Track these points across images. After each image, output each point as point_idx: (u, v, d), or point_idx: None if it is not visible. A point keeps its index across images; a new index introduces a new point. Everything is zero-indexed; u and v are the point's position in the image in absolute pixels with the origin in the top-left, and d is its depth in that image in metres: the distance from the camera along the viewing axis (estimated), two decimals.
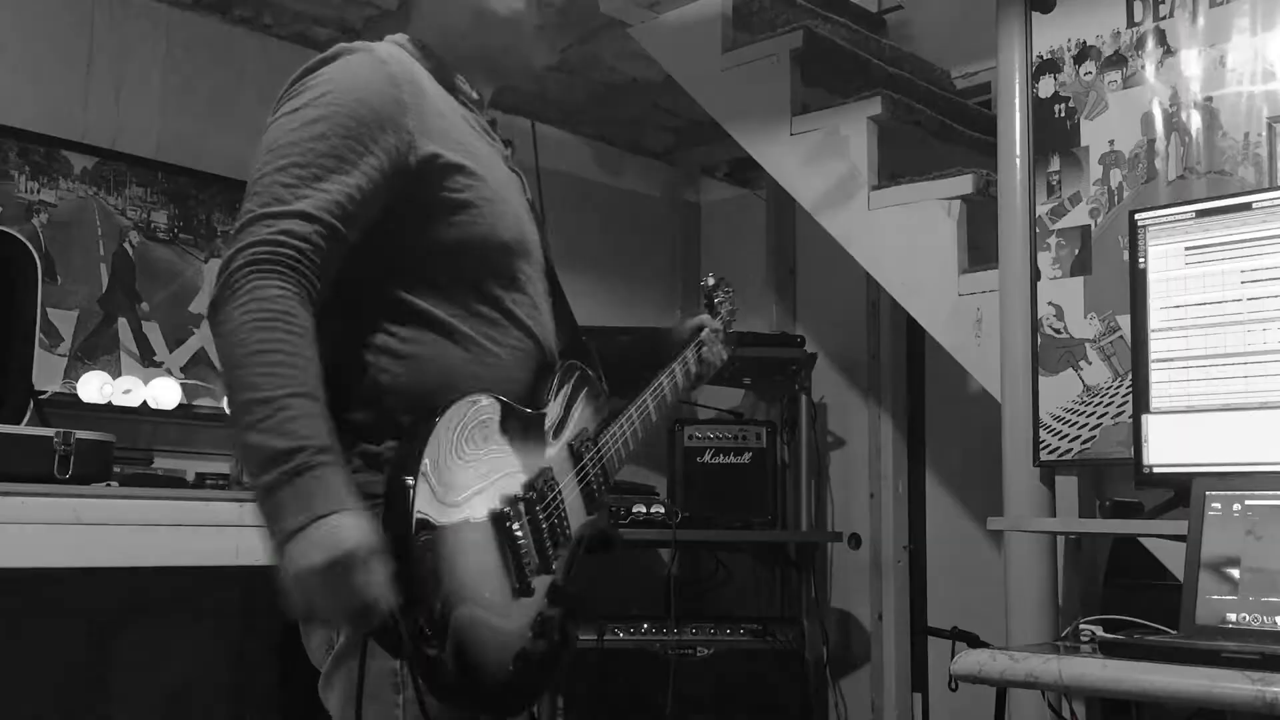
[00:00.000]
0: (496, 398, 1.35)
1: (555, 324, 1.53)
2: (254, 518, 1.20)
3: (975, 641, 2.24)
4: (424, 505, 1.20)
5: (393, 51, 1.43)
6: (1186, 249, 1.92)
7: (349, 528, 1.14)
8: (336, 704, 1.32)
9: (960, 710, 2.77)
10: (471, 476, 1.28)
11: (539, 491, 1.37)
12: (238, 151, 3.21)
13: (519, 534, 1.31)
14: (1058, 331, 2.29)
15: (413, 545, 1.18)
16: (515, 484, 1.34)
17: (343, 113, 1.30)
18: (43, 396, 2.45)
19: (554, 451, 1.44)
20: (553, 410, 1.46)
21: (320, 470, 1.15)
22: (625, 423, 1.61)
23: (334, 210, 1.25)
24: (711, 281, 2.05)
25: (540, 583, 1.34)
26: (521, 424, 1.39)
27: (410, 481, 1.20)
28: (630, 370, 1.72)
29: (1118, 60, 2.27)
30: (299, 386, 1.16)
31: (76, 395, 2.73)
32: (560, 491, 1.41)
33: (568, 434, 1.48)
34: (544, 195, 3.18)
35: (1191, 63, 2.18)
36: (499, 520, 1.30)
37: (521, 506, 1.33)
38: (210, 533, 2.20)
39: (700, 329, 1.93)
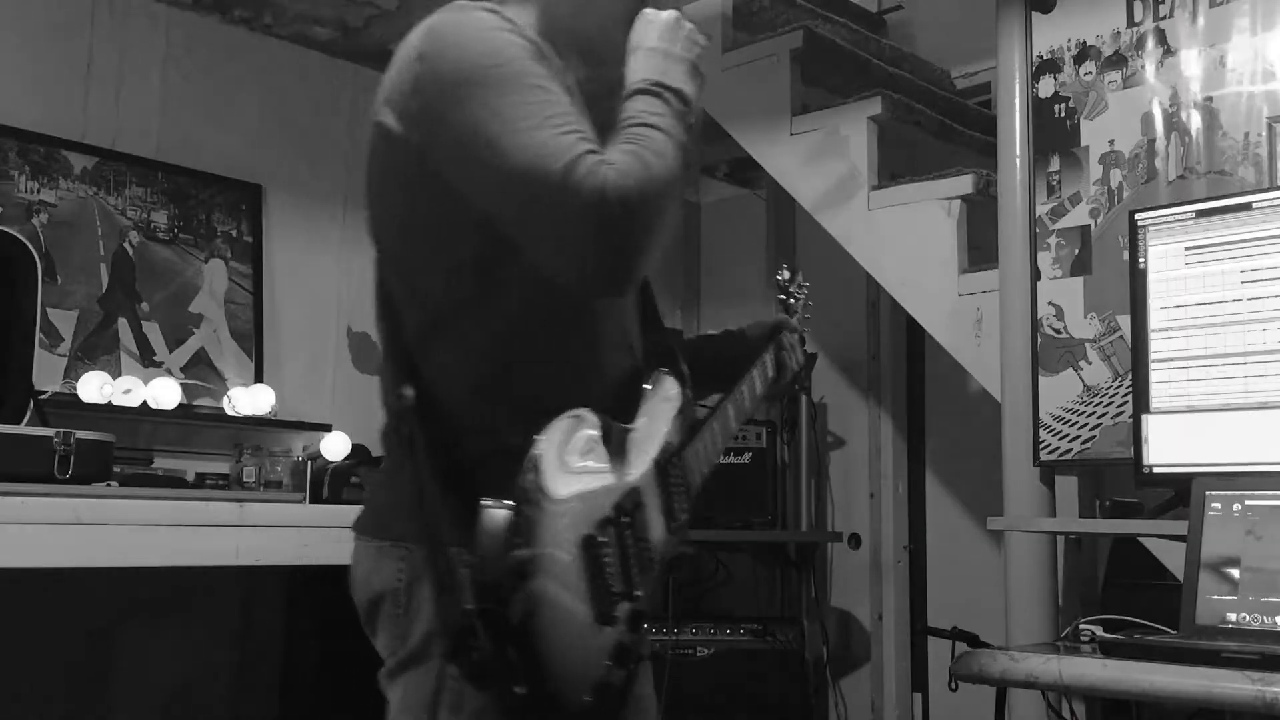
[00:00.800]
0: (592, 412, 1.28)
1: (640, 323, 1.47)
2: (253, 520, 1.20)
3: (975, 641, 2.23)
4: (520, 529, 1.15)
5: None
6: (1186, 249, 1.92)
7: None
8: (395, 704, 1.29)
9: (960, 710, 2.77)
10: (565, 498, 1.22)
11: (628, 513, 1.30)
12: (238, 151, 3.22)
13: (607, 559, 1.25)
14: (1058, 331, 2.29)
15: (505, 571, 1.14)
16: (606, 505, 1.27)
17: (531, 64, 1.24)
18: (43, 396, 2.45)
19: (641, 468, 1.36)
20: (641, 422, 1.38)
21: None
22: (707, 436, 1.52)
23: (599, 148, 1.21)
24: (786, 275, 1.92)
25: (623, 610, 1.28)
26: (613, 439, 1.32)
27: (489, 502, 1.15)
28: (701, 375, 1.60)
29: (1118, 60, 2.27)
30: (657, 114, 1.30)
31: (76, 395, 2.73)
32: (647, 512, 1.34)
33: (654, 448, 1.39)
34: None
35: (1191, 63, 2.18)
36: (588, 545, 1.23)
37: (611, 531, 1.27)
38: (210, 533, 2.20)
39: (778, 329, 1.80)
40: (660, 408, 1.43)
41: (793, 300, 1.90)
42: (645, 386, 1.41)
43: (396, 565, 1.29)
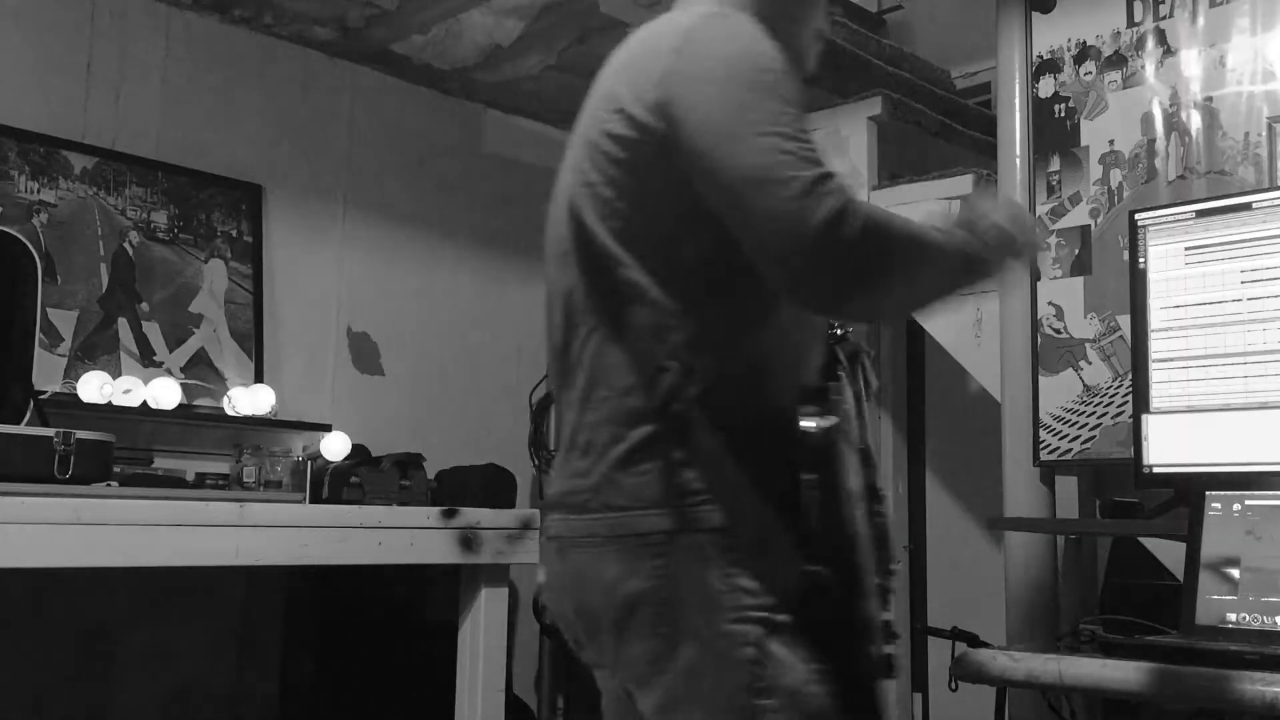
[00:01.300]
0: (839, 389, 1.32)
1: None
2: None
3: (975, 641, 2.24)
4: (833, 498, 1.21)
5: None
6: (1186, 249, 1.92)
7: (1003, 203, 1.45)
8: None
9: (960, 710, 2.77)
10: (851, 469, 1.26)
11: (876, 487, 1.33)
12: (238, 151, 3.22)
13: (880, 527, 1.29)
14: (1058, 331, 2.29)
15: (834, 535, 1.19)
16: (863, 479, 1.30)
17: (790, 81, 1.26)
18: (43, 396, 2.45)
19: (858, 451, 1.37)
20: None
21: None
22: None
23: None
24: None
25: (889, 581, 1.30)
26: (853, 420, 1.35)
27: (808, 474, 1.19)
28: None
29: (1118, 60, 2.27)
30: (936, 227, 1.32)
31: (76, 395, 2.73)
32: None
33: (858, 439, 1.41)
34: (544, 193, 3.18)
35: (1191, 63, 2.18)
36: (870, 514, 1.27)
37: (875, 503, 1.30)
38: (210, 533, 2.20)
39: (858, 353, 1.86)
40: (850, 406, 1.44)
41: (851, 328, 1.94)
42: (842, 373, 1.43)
43: (652, 564, 1.24)
